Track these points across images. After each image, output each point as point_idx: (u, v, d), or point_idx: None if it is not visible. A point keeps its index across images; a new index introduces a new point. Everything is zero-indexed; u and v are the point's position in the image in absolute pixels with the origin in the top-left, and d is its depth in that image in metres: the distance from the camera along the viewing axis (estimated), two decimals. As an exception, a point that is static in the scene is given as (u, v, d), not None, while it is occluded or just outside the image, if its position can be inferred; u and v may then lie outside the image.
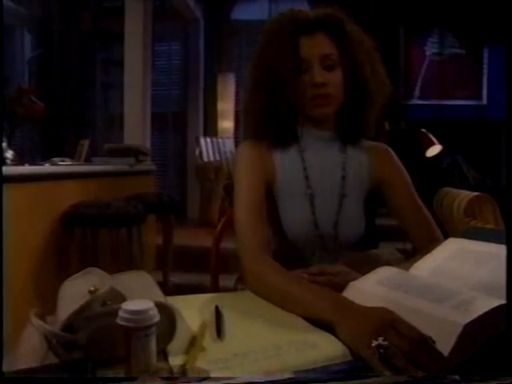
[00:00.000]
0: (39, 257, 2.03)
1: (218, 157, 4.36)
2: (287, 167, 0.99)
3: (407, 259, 1.01)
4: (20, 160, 2.27)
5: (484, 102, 4.68)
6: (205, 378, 0.50)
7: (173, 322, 0.58)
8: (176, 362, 0.54)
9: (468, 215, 1.58)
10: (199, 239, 3.19)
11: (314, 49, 0.93)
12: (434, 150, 3.90)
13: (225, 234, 1.23)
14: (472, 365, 0.53)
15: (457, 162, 4.38)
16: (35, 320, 0.57)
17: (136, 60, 3.60)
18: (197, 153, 4.29)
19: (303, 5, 4.53)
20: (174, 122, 4.99)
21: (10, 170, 1.92)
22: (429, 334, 0.54)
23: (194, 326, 0.64)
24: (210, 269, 1.23)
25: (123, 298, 0.57)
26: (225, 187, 3.89)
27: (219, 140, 4.52)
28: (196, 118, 4.93)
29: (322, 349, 0.57)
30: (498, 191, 1.40)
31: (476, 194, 1.61)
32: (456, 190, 1.78)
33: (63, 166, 2.47)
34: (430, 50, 4.75)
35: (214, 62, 4.89)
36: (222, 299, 0.76)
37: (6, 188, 1.69)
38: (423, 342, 0.53)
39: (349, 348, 0.57)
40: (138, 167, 3.03)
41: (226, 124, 4.73)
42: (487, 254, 0.73)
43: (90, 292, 0.60)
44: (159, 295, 0.63)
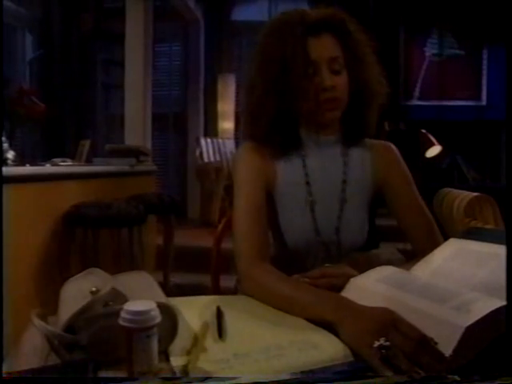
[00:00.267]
0: (40, 257, 2.03)
1: (218, 157, 4.36)
2: (288, 172, 0.98)
3: (408, 260, 1.00)
4: (21, 160, 2.27)
5: (483, 102, 4.68)
6: (206, 378, 0.50)
7: (174, 322, 0.58)
8: (178, 362, 0.54)
9: (468, 215, 1.58)
10: (200, 239, 3.19)
11: (322, 51, 0.91)
12: (434, 150, 3.90)
13: (225, 234, 1.23)
14: (472, 365, 0.53)
15: (456, 162, 4.38)
16: (37, 321, 0.57)
17: (137, 60, 3.60)
18: (197, 153, 4.29)
19: (303, 5, 4.55)
20: (175, 123, 4.99)
21: (11, 171, 1.92)
22: (430, 334, 0.54)
23: (196, 326, 0.64)
24: (210, 269, 1.23)
25: (125, 299, 0.57)
26: (225, 187, 3.89)
27: (219, 140, 4.53)
28: (196, 118, 4.93)
29: (324, 349, 0.57)
30: (498, 191, 1.40)
31: (476, 194, 1.61)
32: (456, 191, 1.78)
33: (64, 166, 2.48)
34: (430, 50, 4.75)
35: (214, 63, 4.90)
36: (223, 300, 0.76)
37: (7, 188, 1.69)
38: (425, 343, 0.53)
39: (350, 348, 0.57)
40: (139, 168, 3.04)
41: (227, 124, 4.73)
42: (488, 255, 0.73)
43: (92, 293, 0.60)
44: (160, 296, 0.63)
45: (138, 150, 3.08)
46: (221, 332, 0.63)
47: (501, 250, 0.68)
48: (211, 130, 4.86)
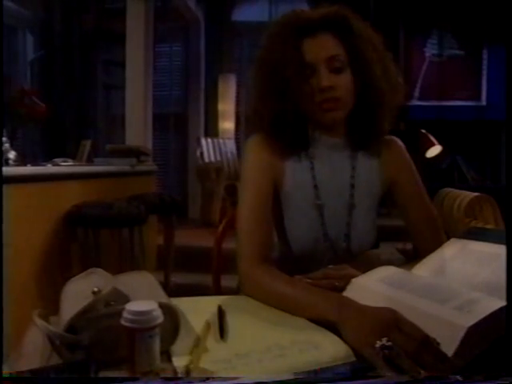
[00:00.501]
0: (41, 257, 2.03)
1: (218, 157, 4.36)
2: (297, 173, 0.96)
3: (407, 259, 1.00)
4: (22, 161, 2.27)
5: (483, 102, 4.68)
6: (208, 378, 0.51)
7: (176, 322, 0.58)
8: (180, 362, 0.54)
9: (468, 215, 1.58)
10: (200, 239, 3.19)
11: (318, 51, 0.89)
12: (434, 150, 3.90)
13: (226, 234, 1.23)
14: (475, 365, 0.53)
15: (456, 162, 4.38)
16: (39, 321, 0.57)
17: (137, 61, 3.60)
18: (198, 153, 4.29)
19: (303, 5, 4.54)
20: (175, 123, 4.99)
21: (13, 171, 1.92)
22: (432, 334, 0.54)
23: (198, 326, 0.64)
24: (211, 269, 1.23)
25: (127, 299, 0.57)
26: (226, 188, 3.89)
27: (220, 140, 4.53)
28: (197, 118, 4.93)
29: (326, 349, 0.57)
30: (498, 191, 1.40)
31: (476, 194, 1.61)
32: (456, 191, 1.78)
33: (65, 166, 2.48)
34: (430, 51, 4.75)
35: (214, 63, 4.90)
36: (224, 300, 0.76)
37: (8, 188, 1.69)
38: (427, 343, 0.53)
39: (352, 348, 0.57)
40: (140, 168, 3.04)
41: (227, 125, 4.73)
42: (489, 255, 0.73)
43: (94, 293, 0.60)
44: (162, 296, 0.63)
45: (138, 150, 3.08)
46: (222, 332, 0.63)
47: (502, 250, 0.68)
48: (212, 130, 4.86)
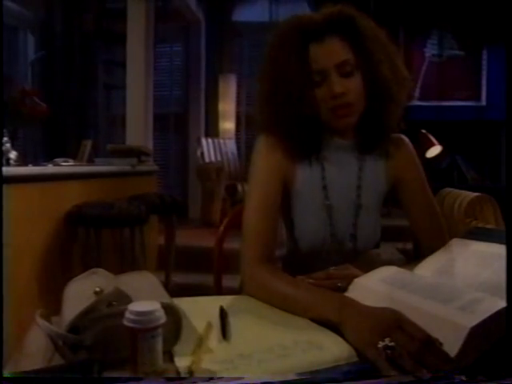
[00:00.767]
0: (42, 257, 2.03)
1: (219, 157, 4.36)
2: (307, 174, 0.95)
3: (408, 259, 1.00)
4: (23, 161, 2.27)
5: (483, 102, 4.68)
6: (211, 379, 0.51)
7: (179, 323, 0.58)
8: (182, 362, 0.54)
9: (468, 216, 1.58)
10: (201, 239, 3.20)
11: (328, 57, 0.86)
12: (434, 150, 3.90)
13: (227, 234, 1.23)
14: (478, 365, 0.53)
15: (456, 162, 4.38)
16: (41, 321, 0.57)
17: (138, 61, 3.60)
18: (198, 153, 4.29)
19: (303, 6, 4.54)
20: (176, 123, 4.99)
21: (14, 171, 1.92)
22: (435, 335, 0.54)
23: (199, 326, 0.64)
24: (211, 269, 1.23)
25: (129, 299, 0.57)
26: (226, 188, 3.89)
27: (220, 141, 4.53)
28: (197, 118, 4.93)
29: (328, 350, 0.57)
30: (497, 191, 1.40)
31: (477, 194, 1.61)
32: (457, 191, 1.78)
33: (66, 166, 2.48)
34: (430, 51, 4.75)
35: (215, 63, 4.90)
36: (226, 300, 0.76)
37: (9, 188, 1.69)
38: (430, 344, 0.53)
39: (355, 348, 0.57)
40: (140, 168, 3.04)
41: (228, 125, 4.74)
42: (491, 255, 0.73)
43: (96, 293, 0.61)
44: (164, 296, 0.63)
45: (139, 150, 3.08)
46: (225, 332, 0.63)
47: (504, 250, 0.68)
48: (212, 130, 4.86)
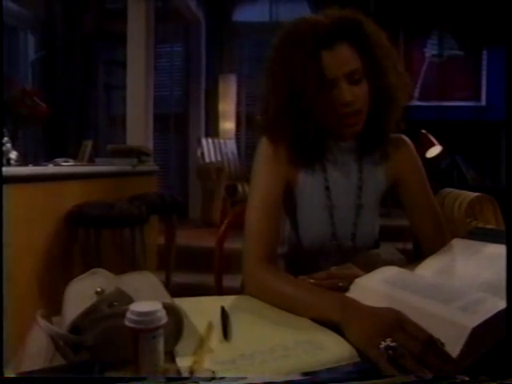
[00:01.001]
0: (43, 257, 2.03)
1: (219, 157, 4.36)
2: (309, 176, 0.96)
3: (408, 260, 1.00)
4: (24, 161, 2.27)
5: (483, 103, 4.68)
6: (212, 379, 0.51)
7: (180, 323, 0.58)
8: (183, 363, 0.54)
9: (469, 216, 1.58)
10: (201, 239, 3.20)
11: (339, 66, 0.85)
12: (434, 150, 3.90)
13: (228, 234, 1.23)
14: (480, 365, 0.53)
15: (456, 162, 4.38)
16: (42, 321, 0.57)
17: (138, 61, 3.60)
18: (198, 153, 4.29)
19: (303, 6, 4.54)
20: (176, 123, 4.99)
21: (14, 171, 1.92)
22: (436, 335, 0.54)
23: (200, 327, 0.64)
24: (212, 269, 1.23)
25: (130, 299, 0.57)
26: (226, 188, 3.89)
27: (221, 141, 4.53)
28: (198, 118, 4.93)
29: (330, 350, 0.57)
30: (497, 191, 1.40)
31: (477, 194, 1.60)
32: (457, 191, 1.77)
33: (66, 166, 2.48)
34: (430, 51, 4.75)
35: (215, 63, 4.90)
36: (227, 300, 0.76)
37: (9, 188, 1.69)
38: (432, 344, 0.53)
39: (356, 349, 0.57)
40: (141, 168, 3.04)
41: (228, 125, 4.74)
42: (492, 255, 0.73)
43: (97, 293, 0.60)
44: (166, 296, 0.63)
45: (139, 150, 3.08)
46: (226, 333, 0.63)
47: (504, 250, 0.68)
48: (212, 130, 4.87)
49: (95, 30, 4.67)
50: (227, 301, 0.76)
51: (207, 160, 4.24)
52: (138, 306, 0.51)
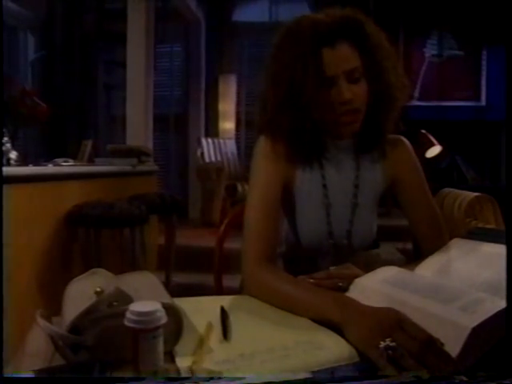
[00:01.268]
0: (43, 257, 2.03)
1: (219, 157, 4.37)
2: (307, 174, 0.97)
3: (408, 259, 1.01)
4: (24, 161, 2.27)
5: (483, 103, 4.68)
6: (212, 379, 0.51)
7: (180, 323, 0.58)
8: (183, 363, 0.54)
9: (469, 216, 1.58)
10: (201, 239, 3.20)
11: (339, 64, 0.86)
12: (434, 150, 3.90)
13: (228, 234, 1.23)
14: (479, 365, 0.53)
15: (456, 162, 4.38)
16: (42, 321, 0.57)
17: (138, 61, 3.61)
18: (198, 153, 4.30)
19: (303, 6, 4.54)
20: (176, 123, 4.99)
21: (14, 171, 1.92)
22: (436, 335, 0.54)
23: (200, 327, 0.64)
24: (211, 269, 1.23)
25: (130, 299, 0.57)
26: (226, 188, 3.89)
27: (220, 141, 4.53)
28: (197, 118, 4.93)
29: (330, 350, 0.57)
30: (497, 191, 1.40)
31: (477, 194, 1.60)
32: (457, 191, 1.77)
33: (66, 166, 2.48)
34: (430, 51, 4.75)
35: (215, 64, 4.90)
36: (227, 300, 0.76)
37: (9, 188, 1.69)
38: (431, 344, 0.53)
39: (356, 349, 0.57)
40: (141, 168, 3.04)
41: (228, 125, 4.74)
42: (492, 255, 0.73)
43: (97, 293, 0.60)
44: (165, 296, 0.63)
45: (139, 150, 3.08)
46: (226, 333, 0.63)
47: (504, 249, 0.68)
48: (212, 130, 4.87)
49: (95, 29, 4.67)
50: (227, 301, 0.76)
51: (207, 160, 4.24)
52: (138, 306, 0.51)
